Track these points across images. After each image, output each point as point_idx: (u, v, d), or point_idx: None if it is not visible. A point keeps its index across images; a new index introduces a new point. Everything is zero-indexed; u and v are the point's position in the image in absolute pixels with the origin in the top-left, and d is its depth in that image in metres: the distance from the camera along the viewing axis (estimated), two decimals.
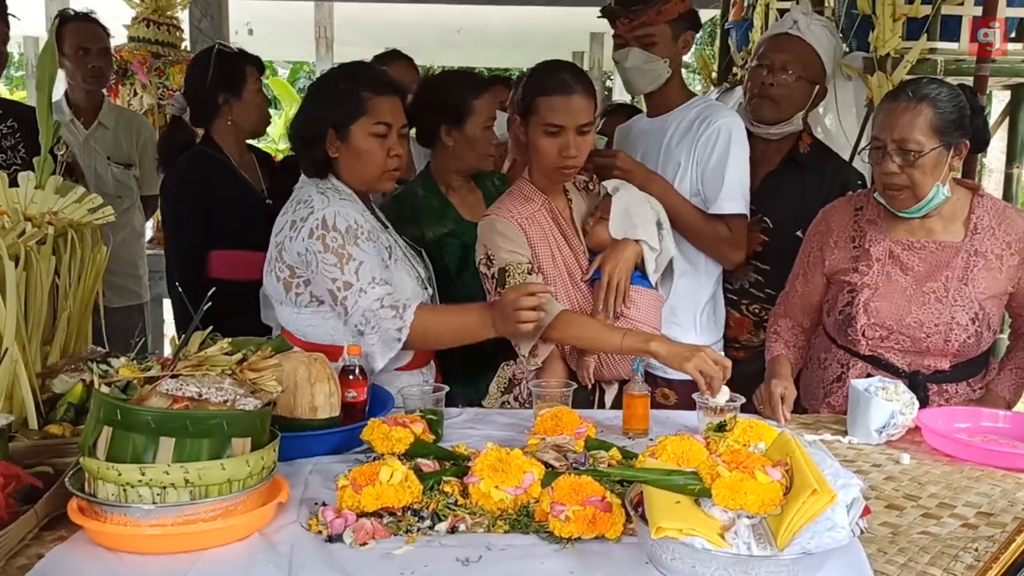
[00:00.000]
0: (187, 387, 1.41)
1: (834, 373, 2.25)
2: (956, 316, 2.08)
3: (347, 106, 2.09)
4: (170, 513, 1.34)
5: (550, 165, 2.21)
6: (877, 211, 2.19)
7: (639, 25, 2.48)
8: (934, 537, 1.49)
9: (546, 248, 2.25)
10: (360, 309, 2.01)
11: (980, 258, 2.09)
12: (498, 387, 2.33)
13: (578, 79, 2.18)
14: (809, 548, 1.24)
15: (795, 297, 2.34)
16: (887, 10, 2.86)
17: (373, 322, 2.00)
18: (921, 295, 2.10)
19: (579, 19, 10.29)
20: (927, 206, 2.07)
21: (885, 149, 2.03)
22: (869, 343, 2.15)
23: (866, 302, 2.13)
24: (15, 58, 16.69)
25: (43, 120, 1.93)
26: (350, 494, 1.46)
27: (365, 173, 2.13)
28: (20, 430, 1.62)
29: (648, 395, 2.00)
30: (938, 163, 2.02)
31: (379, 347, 2.02)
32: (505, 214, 2.23)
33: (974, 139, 2.07)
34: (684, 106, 2.58)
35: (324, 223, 2.02)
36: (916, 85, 2.05)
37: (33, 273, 1.74)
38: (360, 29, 9.96)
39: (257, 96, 2.95)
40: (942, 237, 2.13)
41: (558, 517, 1.40)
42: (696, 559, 1.26)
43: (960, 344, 2.09)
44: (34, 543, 1.37)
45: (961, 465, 1.84)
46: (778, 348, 2.31)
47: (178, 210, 2.95)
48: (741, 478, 1.31)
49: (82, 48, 3.66)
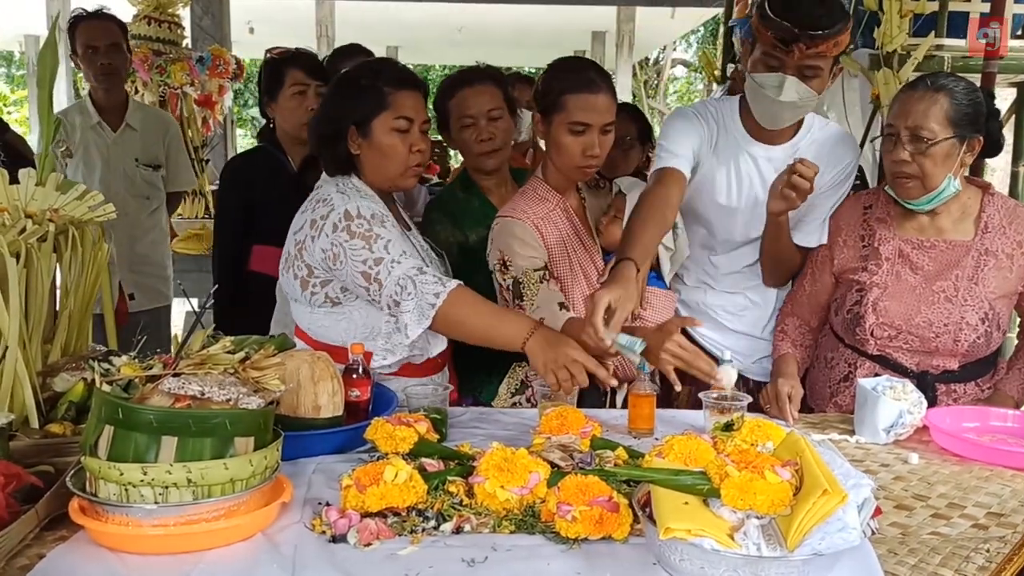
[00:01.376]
0: (189, 386, 1.40)
1: (841, 372, 2.23)
2: (966, 316, 2.06)
3: (368, 101, 2.06)
4: (172, 513, 1.33)
5: (572, 164, 2.19)
6: (887, 209, 2.18)
7: (813, 55, 2.11)
8: (944, 538, 1.47)
9: (562, 249, 2.23)
10: (395, 278, 1.94)
11: (991, 257, 2.08)
12: (508, 388, 2.30)
13: (603, 78, 2.18)
14: (820, 549, 1.22)
15: (803, 296, 2.33)
16: (894, 6, 2.84)
17: (410, 288, 1.93)
18: (931, 294, 2.09)
19: (580, 18, 10.30)
20: (936, 198, 2.06)
21: (898, 136, 2.02)
22: (878, 343, 2.14)
23: (875, 301, 2.11)
24: (16, 56, 16.70)
25: (43, 117, 1.92)
26: (354, 494, 1.44)
27: (388, 169, 2.09)
28: (21, 429, 1.61)
29: (654, 395, 1.99)
30: (950, 154, 2.01)
31: (414, 314, 1.93)
32: (520, 215, 2.21)
33: (987, 140, 2.06)
34: (805, 130, 2.35)
35: (347, 214, 1.99)
36: (935, 77, 2.05)
37: (34, 271, 1.73)
38: (361, 27, 9.96)
39: (292, 100, 2.91)
40: (952, 236, 2.11)
41: (564, 517, 1.39)
42: (705, 560, 1.24)
43: (970, 344, 2.08)
44: (35, 543, 1.36)
45: (970, 465, 1.83)
46: (784, 347, 2.30)
47: (223, 201, 3.10)
48: (750, 478, 1.30)
49: (90, 47, 3.59)
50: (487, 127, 2.42)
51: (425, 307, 1.92)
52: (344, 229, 1.98)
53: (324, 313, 2.09)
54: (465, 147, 2.48)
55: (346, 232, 1.98)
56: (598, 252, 2.28)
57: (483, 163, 2.47)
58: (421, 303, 1.92)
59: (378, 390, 1.96)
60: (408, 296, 1.93)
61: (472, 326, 1.98)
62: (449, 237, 2.40)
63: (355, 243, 1.97)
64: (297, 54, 3.02)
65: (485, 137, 2.42)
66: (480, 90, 2.45)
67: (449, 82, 2.55)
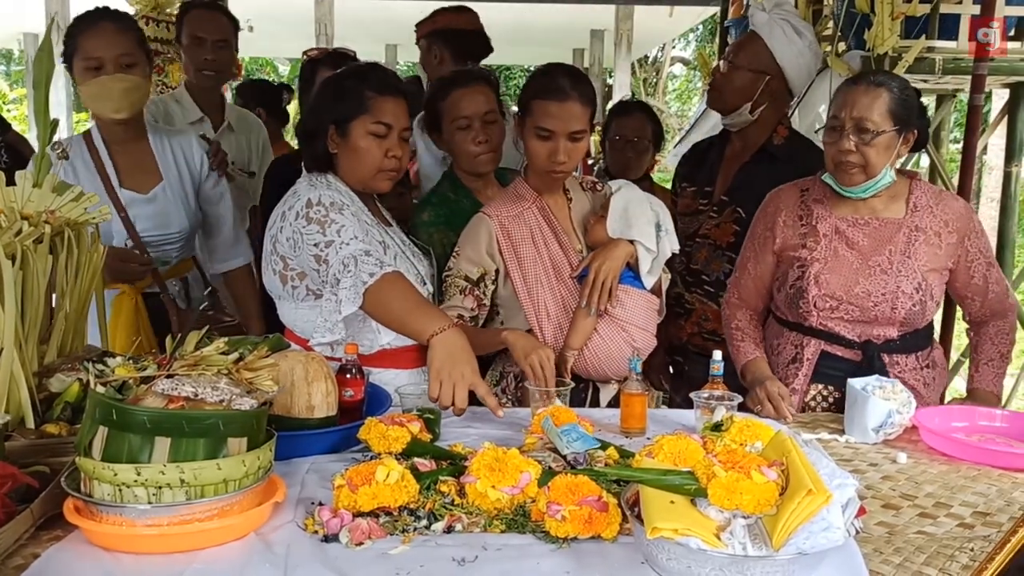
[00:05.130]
0: (183, 387, 1.41)
1: (789, 355, 2.29)
2: (901, 285, 2.16)
3: (349, 103, 2.11)
4: (166, 513, 1.34)
5: (539, 167, 2.24)
6: (823, 192, 2.27)
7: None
8: (930, 537, 1.49)
9: (529, 246, 2.27)
10: (340, 257, 1.97)
11: (920, 233, 2.19)
12: (491, 379, 2.34)
13: (576, 85, 2.17)
14: (805, 548, 1.24)
15: (748, 280, 2.38)
16: (885, 8, 2.85)
17: (351, 267, 1.95)
18: (867, 268, 2.19)
19: (579, 16, 10.29)
20: (875, 186, 2.15)
21: (843, 128, 2.11)
22: (820, 314, 2.21)
23: (816, 275, 2.20)
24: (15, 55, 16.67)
25: (39, 118, 1.93)
26: (346, 494, 1.46)
27: (361, 171, 2.14)
28: (17, 429, 1.62)
29: (646, 394, 2.00)
30: (890, 146, 2.11)
31: (350, 291, 1.94)
32: (493, 212, 2.28)
33: (918, 135, 2.17)
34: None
35: (308, 202, 2.05)
36: (875, 74, 2.21)
37: (30, 272, 1.74)
38: (361, 26, 9.95)
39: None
40: (884, 214, 2.21)
41: (554, 517, 1.40)
42: (692, 559, 1.26)
43: (906, 312, 2.17)
44: (30, 543, 1.37)
45: (958, 464, 1.85)
46: (749, 348, 2.33)
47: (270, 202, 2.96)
48: (737, 478, 1.31)
49: (196, 37, 3.24)
50: (483, 129, 2.44)
51: (359, 285, 1.94)
52: (303, 216, 2.04)
53: (308, 307, 2.12)
54: (459, 148, 2.49)
55: (304, 219, 2.04)
56: (578, 251, 2.31)
57: (478, 165, 2.48)
58: (356, 282, 1.94)
59: (372, 390, 1.97)
60: (348, 274, 1.96)
61: (394, 310, 1.95)
62: (443, 238, 2.41)
63: (311, 228, 2.02)
64: (331, 54, 3.01)
65: (482, 139, 2.44)
66: (475, 91, 2.47)
67: (442, 83, 2.56)
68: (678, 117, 20.33)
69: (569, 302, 2.26)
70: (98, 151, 2.54)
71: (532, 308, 2.25)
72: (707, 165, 2.85)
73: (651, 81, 20.26)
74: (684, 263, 2.80)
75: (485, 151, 2.45)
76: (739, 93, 2.67)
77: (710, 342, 2.67)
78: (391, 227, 2.28)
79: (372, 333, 2.12)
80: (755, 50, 2.65)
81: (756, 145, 2.73)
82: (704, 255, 2.77)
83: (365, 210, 2.17)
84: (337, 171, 2.17)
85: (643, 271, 2.27)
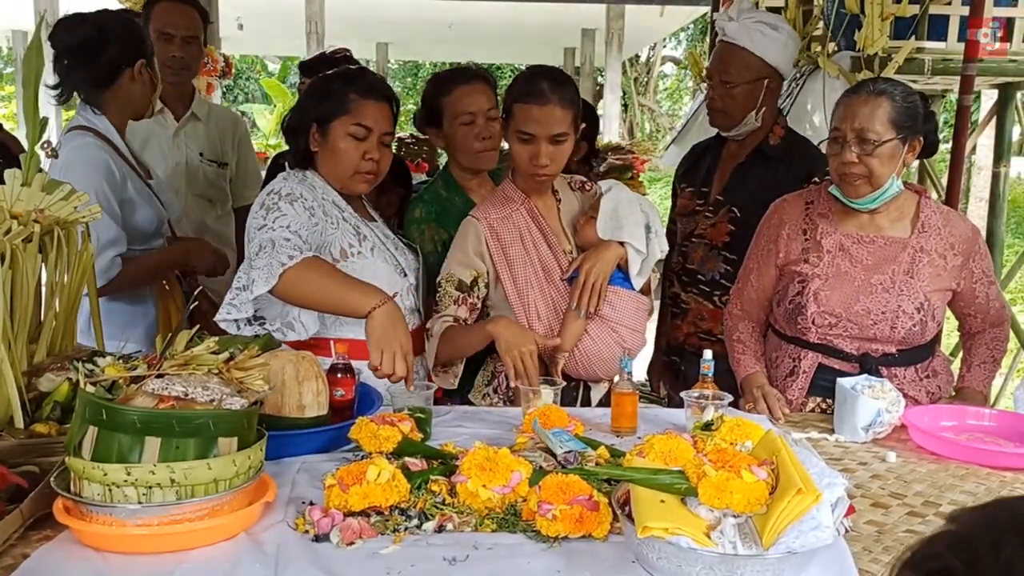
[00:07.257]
0: (173, 386, 1.41)
1: (787, 368, 2.28)
2: (902, 305, 2.14)
3: (332, 103, 2.14)
4: (156, 513, 1.34)
5: (523, 170, 2.24)
6: (828, 206, 2.25)
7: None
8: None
9: (518, 248, 2.26)
10: (260, 239, 2.00)
11: (924, 255, 2.16)
12: (483, 379, 2.34)
13: (557, 89, 2.16)
14: (794, 547, 1.25)
15: (751, 291, 2.37)
16: (875, 9, 2.87)
17: (268, 248, 1.97)
18: (869, 286, 2.16)
19: (570, 15, 10.30)
20: (881, 197, 2.12)
21: (844, 139, 2.09)
22: (819, 331, 2.20)
23: (816, 291, 2.18)
24: (3, 52, 16.57)
25: (29, 117, 1.92)
26: (337, 493, 1.46)
27: (337, 171, 2.17)
28: (6, 429, 1.61)
29: (636, 393, 2.01)
30: (893, 155, 2.09)
31: (263, 271, 1.95)
32: (482, 215, 2.28)
33: (925, 141, 2.15)
34: None
35: (269, 192, 2.10)
36: (875, 82, 2.15)
37: (19, 271, 1.73)
38: (351, 24, 9.95)
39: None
40: (890, 233, 2.19)
41: (545, 516, 1.40)
42: (682, 558, 1.26)
43: (906, 331, 2.15)
44: (19, 543, 1.37)
45: (947, 463, 1.86)
46: (749, 362, 2.31)
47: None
48: (727, 477, 1.32)
49: (163, 33, 3.12)
50: (486, 126, 2.43)
51: (275, 266, 1.95)
52: (261, 204, 2.08)
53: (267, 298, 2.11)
54: (462, 144, 2.46)
55: (259, 205, 2.09)
56: (568, 252, 2.31)
57: (479, 161, 2.46)
58: (272, 262, 1.96)
59: (363, 389, 1.97)
60: (264, 254, 1.98)
61: (320, 288, 1.98)
62: (434, 236, 2.41)
63: (260, 212, 2.07)
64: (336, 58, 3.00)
65: (485, 135, 2.42)
66: (478, 88, 2.45)
67: (443, 78, 2.53)
68: (668, 116, 20.38)
69: (559, 304, 2.26)
70: (114, 143, 2.49)
71: (522, 310, 2.25)
72: (704, 165, 2.85)
73: (642, 80, 20.30)
74: (680, 263, 2.81)
75: (488, 147, 2.44)
76: (745, 106, 2.65)
77: (706, 341, 2.67)
78: (375, 222, 2.30)
79: (248, 306, 2.06)
80: (744, 61, 2.63)
81: (752, 145, 2.73)
82: (700, 255, 2.77)
83: (343, 205, 2.19)
84: (318, 169, 2.20)
85: (632, 273, 2.27)
